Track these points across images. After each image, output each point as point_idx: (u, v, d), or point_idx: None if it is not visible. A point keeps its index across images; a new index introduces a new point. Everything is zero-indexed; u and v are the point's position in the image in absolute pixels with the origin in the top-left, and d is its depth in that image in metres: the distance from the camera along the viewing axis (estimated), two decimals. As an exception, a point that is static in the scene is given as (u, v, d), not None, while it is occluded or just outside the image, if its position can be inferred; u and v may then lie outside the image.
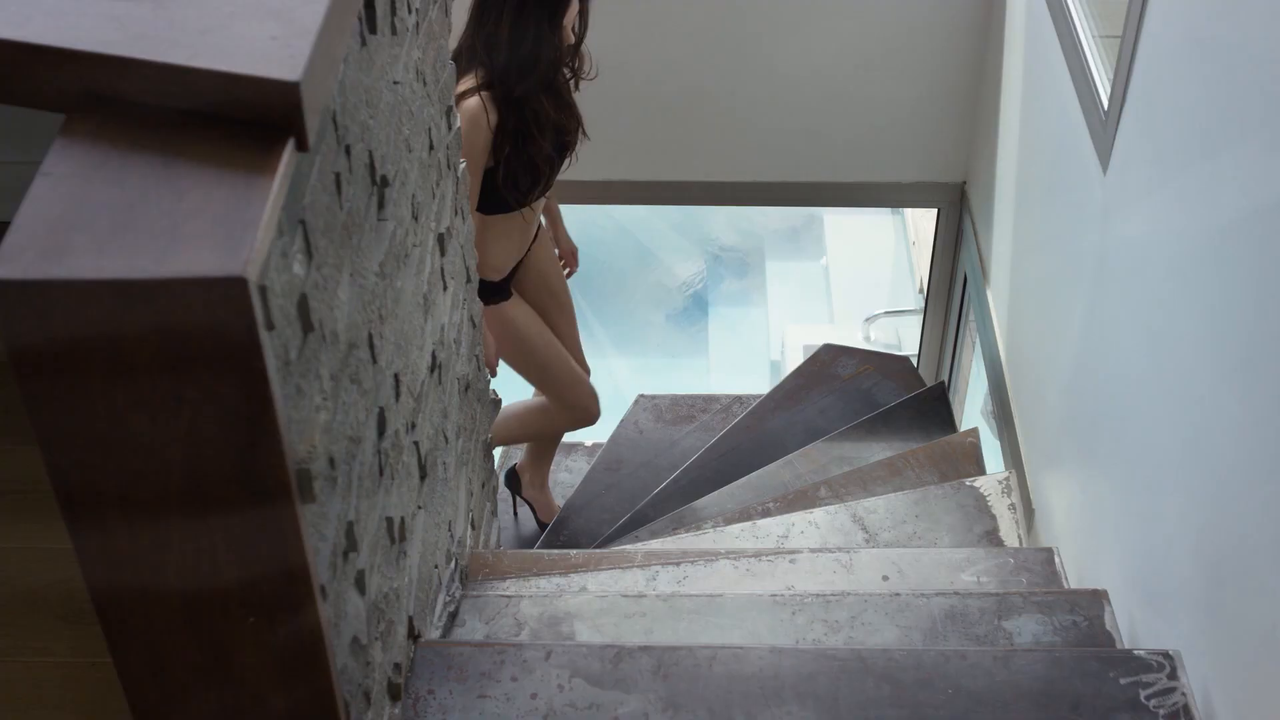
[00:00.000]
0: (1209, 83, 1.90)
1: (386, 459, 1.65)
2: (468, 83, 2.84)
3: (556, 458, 4.18)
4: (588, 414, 3.49)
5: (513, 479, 3.79)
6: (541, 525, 3.77)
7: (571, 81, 3.02)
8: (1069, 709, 1.85)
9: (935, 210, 4.40)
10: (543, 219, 3.34)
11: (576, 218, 3.47)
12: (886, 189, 4.29)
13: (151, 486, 1.08)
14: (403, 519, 1.78)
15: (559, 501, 3.90)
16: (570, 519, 3.75)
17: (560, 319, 3.45)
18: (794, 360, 5.94)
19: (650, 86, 3.96)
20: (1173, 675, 1.90)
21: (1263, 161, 1.67)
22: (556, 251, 3.49)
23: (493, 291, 3.18)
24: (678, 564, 2.65)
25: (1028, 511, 3.08)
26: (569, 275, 3.57)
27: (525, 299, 3.34)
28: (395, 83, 1.72)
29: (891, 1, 3.84)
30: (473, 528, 2.60)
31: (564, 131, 2.98)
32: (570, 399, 3.45)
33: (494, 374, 3.22)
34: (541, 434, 3.64)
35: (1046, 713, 1.85)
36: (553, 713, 1.87)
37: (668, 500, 3.62)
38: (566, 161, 3.09)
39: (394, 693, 1.75)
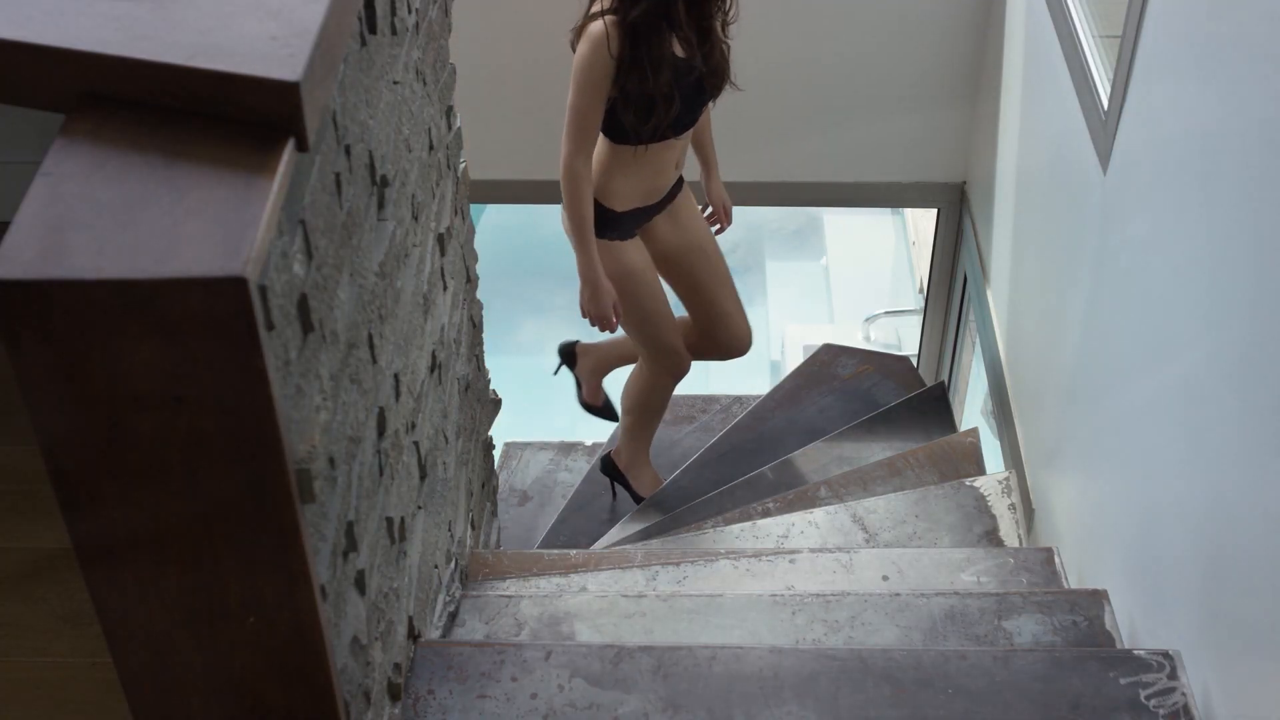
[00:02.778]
0: (1209, 83, 1.90)
1: (386, 459, 1.65)
2: (598, 6, 2.74)
3: (556, 457, 4.17)
4: (679, 366, 3.32)
5: (609, 464, 3.69)
6: (637, 499, 3.67)
7: (720, 24, 2.85)
8: (1069, 709, 1.85)
9: (935, 210, 4.40)
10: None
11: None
12: (886, 189, 4.29)
13: (151, 487, 1.08)
14: (403, 519, 1.78)
15: (561, 500, 3.90)
16: (570, 519, 3.75)
17: (705, 272, 3.27)
18: (794, 360, 5.94)
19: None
20: (1173, 675, 1.90)
21: (1262, 161, 1.67)
22: (707, 206, 3.35)
23: (609, 225, 3.00)
24: (678, 564, 2.65)
25: (1028, 511, 3.08)
26: (718, 231, 3.39)
27: (662, 247, 3.19)
28: (395, 83, 1.72)
29: (891, 2, 3.84)
30: (473, 528, 2.60)
31: (687, 73, 2.79)
32: (661, 353, 3.29)
33: (612, 328, 3.06)
34: (646, 397, 3.45)
35: (1046, 713, 1.85)
36: (553, 713, 1.87)
37: (668, 500, 3.62)
38: (708, 106, 2.94)
39: (394, 693, 1.75)
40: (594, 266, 2.95)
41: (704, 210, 3.37)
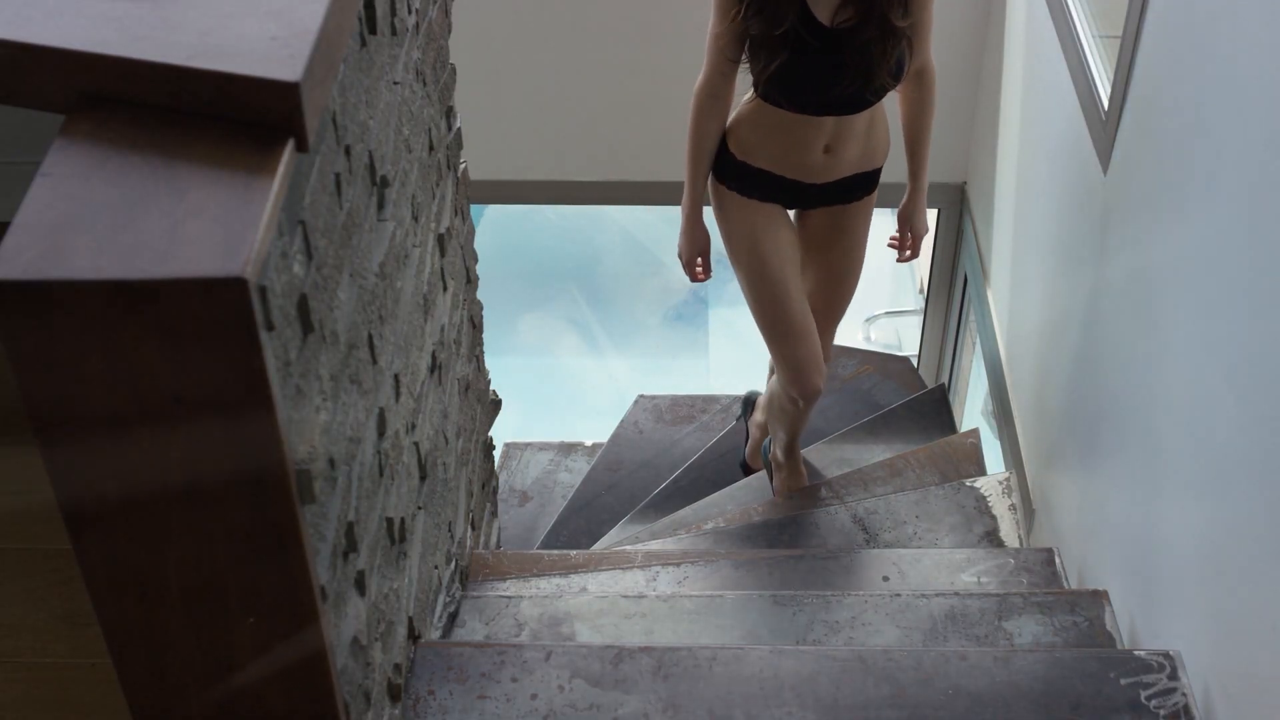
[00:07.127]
0: (1209, 83, 1.90)
1: (386, 459, 1.65)
2: None
3: (556, 458, 4.17)
4: (798, 375, 2.83)
5: (748, 405, 3.55)
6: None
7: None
8: (1069, 709, 1.85)
9: (935, 210, 4.40)
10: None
11: (578, 218, 3.41)
12: (887, 189, 4.28)
13: (151, 487, 1.08)
14: (402, 519, 1.78)
15: (561, 501, 3.90)
16: (570, 519, 3.75)
17: (816, 294, 2.97)
18: (794, 361, 5.91)
19: (650, 86, 3.95)
20: (1173, 675, 1.90)
21: (1262, 161, 1.67)
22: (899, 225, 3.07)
23: (730, 171, 2.76)
24: (678, 564, 2.65)
25: (1028, 512, 3.08)
26: (900, 259, 3.15)
27: (804, 243, 2.92)
28: (395, 83, 1.72)
29: (891, 2, 3.83)
30: (473, 528, 2.60)
31: (824, 44, 2.49)
32: (777, 347, 2.86)
33: (694, 277, 2.86)
34: (770, 397, 3.17)
35: (1047, 713, 1.85)
36: (553, 713, 1.87)
37: (668, 500, 3.62)
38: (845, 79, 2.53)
39: (394, 693, 1.75)
40: (692, 202, 2.81)
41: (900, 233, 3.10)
